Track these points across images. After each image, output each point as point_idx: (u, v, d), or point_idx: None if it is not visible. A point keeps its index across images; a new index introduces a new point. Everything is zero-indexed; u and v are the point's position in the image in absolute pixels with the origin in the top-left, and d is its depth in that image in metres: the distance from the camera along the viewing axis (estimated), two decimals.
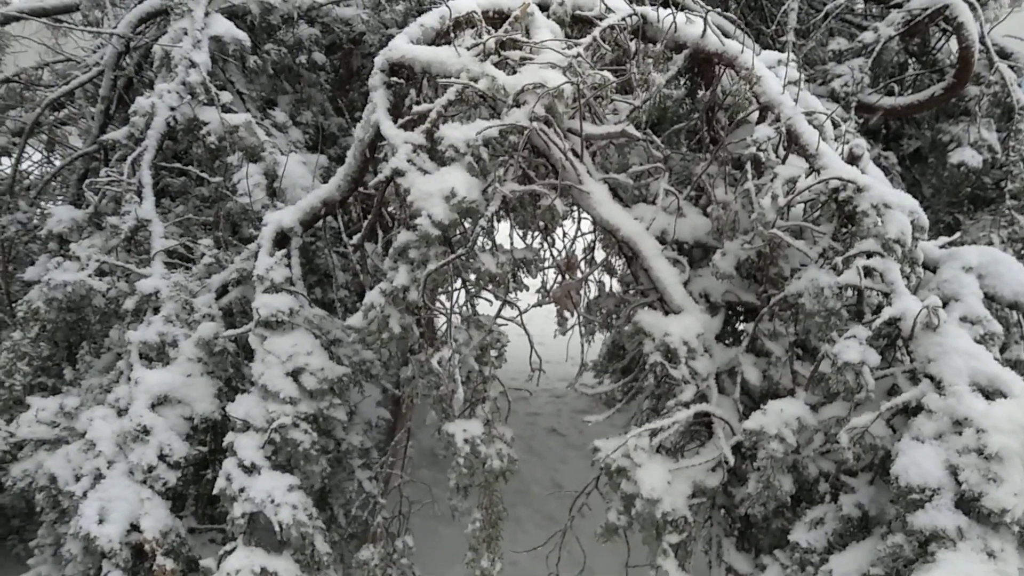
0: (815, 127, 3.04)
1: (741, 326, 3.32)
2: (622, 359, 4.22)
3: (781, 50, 4.56)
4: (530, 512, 6.28)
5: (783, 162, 3.05)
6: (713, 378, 2.92)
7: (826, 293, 2.75)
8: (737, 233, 3.09)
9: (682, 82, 3.86)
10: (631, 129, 3.03)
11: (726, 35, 3.90)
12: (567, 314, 3.48)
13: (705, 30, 3.30)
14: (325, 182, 4.02)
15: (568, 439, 7.40)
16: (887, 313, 2.68)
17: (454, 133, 2.89)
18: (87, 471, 3.09)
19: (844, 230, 2.95)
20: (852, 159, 3.08)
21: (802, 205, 3.07)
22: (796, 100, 3.10)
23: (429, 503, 4.22)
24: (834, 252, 2.88)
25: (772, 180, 2.93)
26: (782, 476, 2.74)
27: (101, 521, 2.97)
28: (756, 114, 3.37)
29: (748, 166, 3.01)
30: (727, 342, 3.17)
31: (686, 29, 3.39)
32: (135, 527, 3.02)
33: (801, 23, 5.58)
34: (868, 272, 2.74)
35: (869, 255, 2.75)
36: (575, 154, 3.09)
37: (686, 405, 2.82)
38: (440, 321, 3.81)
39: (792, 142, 3.02)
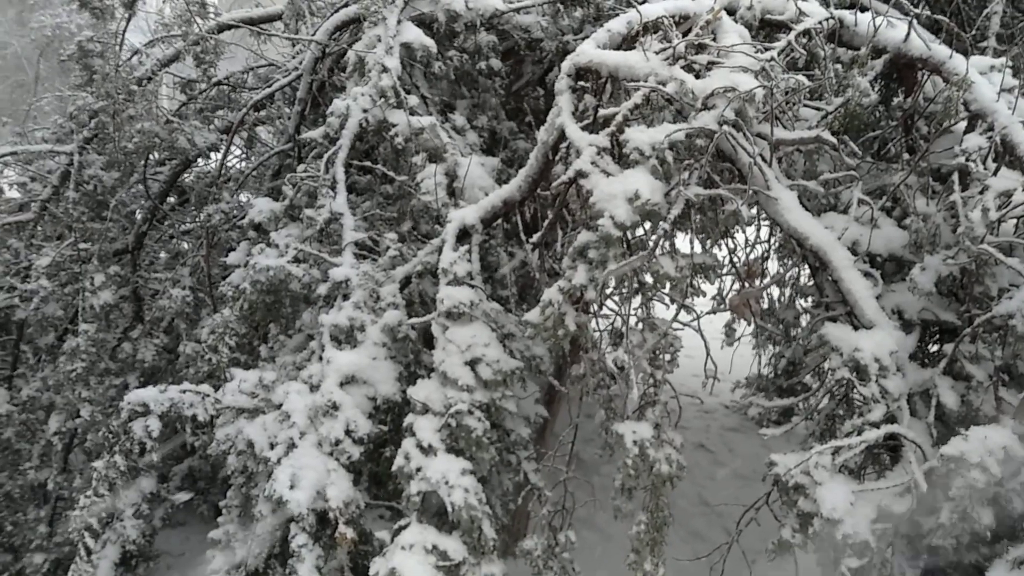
0: None
1: (935, 346, 3.13)
2: (792, 375, 4.08)
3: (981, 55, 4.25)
4: (675, 527, 6.15)
5: (994, 174, 2.85)
6: (904, 399, 2.77)
7: None
8: (937, 247, 2.92)
9: (875, 88, 3.69)
10: (826, 135, 2.94)
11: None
12: (743, 322, 3.41)
13: (909, 34, 3.15)
14: (497, 184, 4.16)
15: (716, 456, 7.21)
16: None
17: (640, 136, 2.92)
18: (281, 440, 3.36)
19: None
20: None
21: (1014, 221, 2.86)
22: (1012, 109, 2.89)
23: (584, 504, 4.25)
24: None
25: (982, 192, 2.75)
26: (981, 508, 2.55)
27: (292, 487, 3.22)
28: (962, 124, 3.16)
29: (954, 177, 2.84)
30: (921, 362, 2.99)
31: (886, 33, 3.24)
32: (321, 495, 3.25)
33: (1005, 27, 5.17)
34: None
35: None
36: (763, 159, 3.03)
37: (875, 425, 2.68)
38: (604, 323, 3.85)
39: (1008, 152, 2.82)
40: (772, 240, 3.98)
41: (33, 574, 5.11)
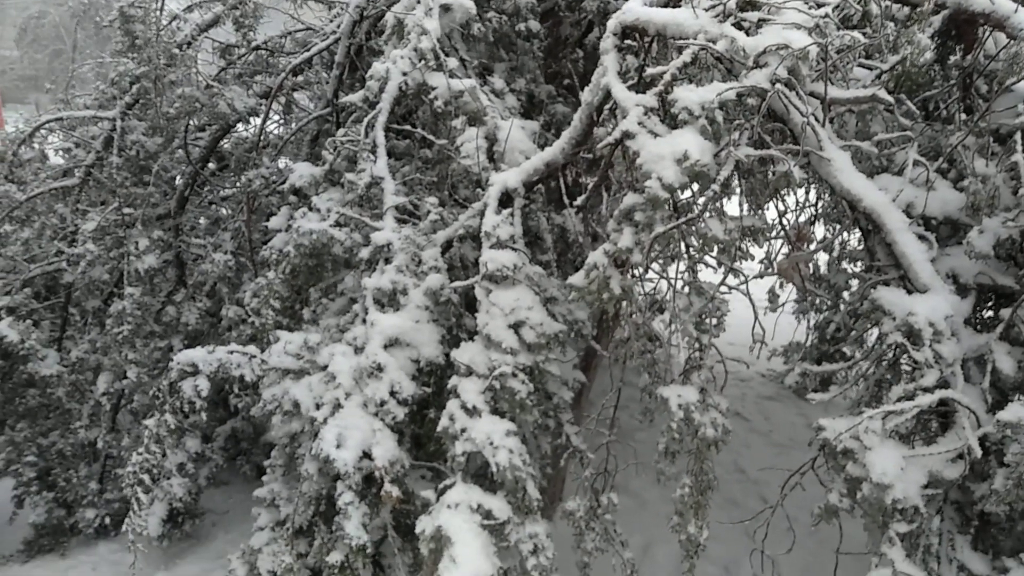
0: None
1: (991, 312, 3.06)
2: (840, 341, 4.02)
3: None
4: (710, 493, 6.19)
5: None
6: (959, 364, 2.72)
7: None
8: (996, 210, 2.84)
9: (931, 46, 3.56)
10: (882, 94, 2.85)
11: None
12: (786, 288, 3.36)
13: None
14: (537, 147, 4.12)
15: (752, 424, 7.20)
16: None
17: (689, 95, 2.86)
18: (327, 400, 3.40)
19: None
20: None
21: None
22: None
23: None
24: None
25: None
26: None
27: (339, 446, 3.27)
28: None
29: (1018, 137, 2.74)
30: (976, 327, 2.93)
31: None
32: (366, 455, 3.30)
33: None
34: None
35: None
36: (815, 119, 2.96)
37: (928, 390, 2.64)
38: (648, 287, 3.83)
39: None
40: (820, 204, 3.91)
41: (86, 528, 5.29)
